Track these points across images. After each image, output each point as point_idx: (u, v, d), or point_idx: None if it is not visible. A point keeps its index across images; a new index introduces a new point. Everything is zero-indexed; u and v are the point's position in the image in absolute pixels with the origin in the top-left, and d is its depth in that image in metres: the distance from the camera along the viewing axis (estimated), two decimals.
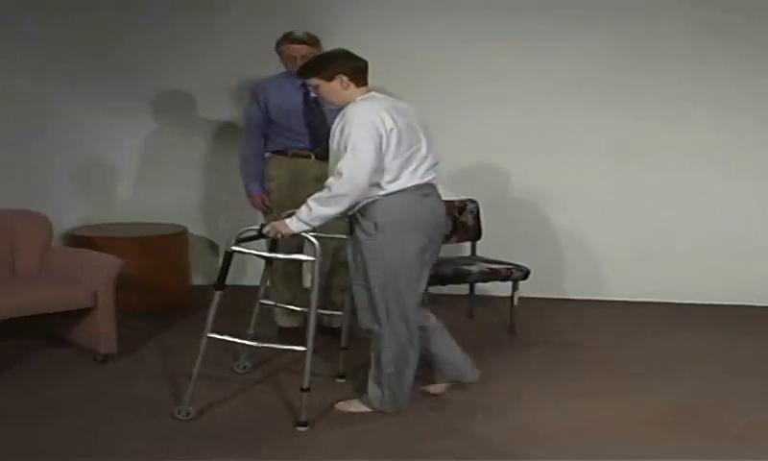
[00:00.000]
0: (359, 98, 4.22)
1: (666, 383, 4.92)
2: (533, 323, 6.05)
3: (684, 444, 4.09)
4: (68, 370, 4.99)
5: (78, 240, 6.19)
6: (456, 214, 6.09)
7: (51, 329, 5.35)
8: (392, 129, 4.11)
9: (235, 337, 4.41)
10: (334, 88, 4.23)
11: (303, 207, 4.12)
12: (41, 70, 6.50)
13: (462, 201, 6.17)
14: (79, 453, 3.91)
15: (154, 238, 6.40)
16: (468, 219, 6.15)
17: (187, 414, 4.25)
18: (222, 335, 4.29)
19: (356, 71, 4.25)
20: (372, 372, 4.36)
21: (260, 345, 4.55)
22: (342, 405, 4.44)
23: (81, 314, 5.10)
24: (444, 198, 6.19)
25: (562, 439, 4.14)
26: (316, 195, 4.10)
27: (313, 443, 4.08)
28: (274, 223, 4.26)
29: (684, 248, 6.67)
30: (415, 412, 4.40)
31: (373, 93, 4.30)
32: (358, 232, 4.20)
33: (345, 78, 4.21)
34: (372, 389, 4.36)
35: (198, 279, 6.95)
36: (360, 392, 4.47)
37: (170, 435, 4.09)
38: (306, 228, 4.13)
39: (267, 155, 5.55)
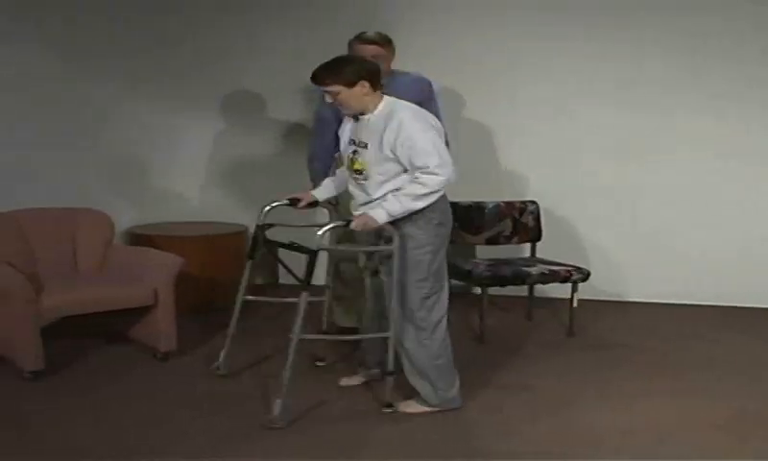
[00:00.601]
0: (384, 102, 4.17)
1: (721, 386, 4.86)
2: (589, 324, 5.98)
3: (740, 446, 4.04)
4: (128, 367, 5.04)
5: (138, 239, 6.24)
6: (516, 215, 6.04)
7: (108, 328, 5.39)
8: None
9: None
10: (356, 94, 4.12)
11: (393, 202, 4.07)
12: (103, 70, 6.56)
13: (522, 202, 6.12)
14: (139, 451, 3.93)
15: (214, 237, 6.43)
16: (529, 220, 6.08)
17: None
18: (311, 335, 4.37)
19: (374, 75, 4.16)
20: (412, 370, 4.33)
21: (343, 338, 4.78)
22: (400, 406, 4.40)
23: (141, 312, 5.13)
24: (504, 199, 6.16)
25: (617, 440, 4.10)
26: (407, 190, 4.05)
27: (371, 439, 4.08)
28: (359, 218, 4.20)
29: (725, 250, 6.59)
30: (471, 410, 4.40)
31: (386, 97, 4.22)
32: (411, 229, 4.16)
33: (366, 83, 4.11)
34: (422, 387, 4.34)
35: (257, 279, 6.97)
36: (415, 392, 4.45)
37: (231, 433, 4.10)
38: (391, 220, 4.12)
39: (336, 154, 5.57)
